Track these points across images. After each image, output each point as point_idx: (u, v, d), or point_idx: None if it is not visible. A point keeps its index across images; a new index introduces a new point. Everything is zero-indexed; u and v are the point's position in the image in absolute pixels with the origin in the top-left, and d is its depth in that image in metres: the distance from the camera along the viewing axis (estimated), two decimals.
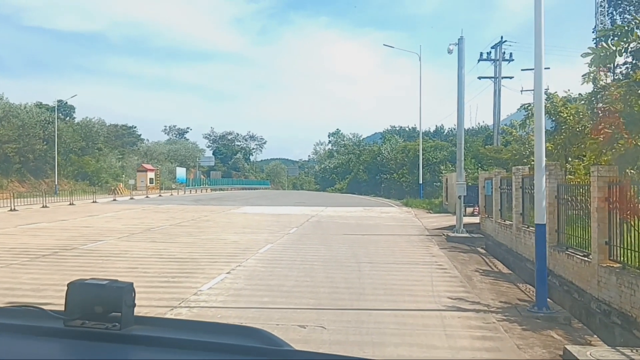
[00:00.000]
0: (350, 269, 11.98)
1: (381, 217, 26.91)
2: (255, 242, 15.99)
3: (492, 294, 9.83)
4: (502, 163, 22.59)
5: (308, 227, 21.17)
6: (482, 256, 15.02)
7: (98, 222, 22.41)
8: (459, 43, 18.23)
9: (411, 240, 17.55)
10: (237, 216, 26.53)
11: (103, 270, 11.24)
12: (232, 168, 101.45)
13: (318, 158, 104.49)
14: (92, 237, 16.89)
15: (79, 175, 59.64)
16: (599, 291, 8.82)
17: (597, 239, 8.92)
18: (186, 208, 31.39)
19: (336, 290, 9.72)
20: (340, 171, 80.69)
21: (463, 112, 18.68)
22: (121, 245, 15.09)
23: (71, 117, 71.40)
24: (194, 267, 11.75)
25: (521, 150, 18.21)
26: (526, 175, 14.34)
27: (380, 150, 63.93)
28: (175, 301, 8.60)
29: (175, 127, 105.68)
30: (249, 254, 13.59)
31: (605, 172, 8.95)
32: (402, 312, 8.26)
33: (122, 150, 75.18)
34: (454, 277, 11.29)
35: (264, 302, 8.74)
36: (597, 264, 8.85)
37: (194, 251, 14.11)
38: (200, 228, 20.03)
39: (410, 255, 14.35)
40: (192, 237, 17.31)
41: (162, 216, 25.20)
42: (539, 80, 8.67)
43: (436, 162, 47.02)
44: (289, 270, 11.68)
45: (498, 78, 33.47)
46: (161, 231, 18.78)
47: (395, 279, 10.93)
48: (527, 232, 13.34)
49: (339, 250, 14.78)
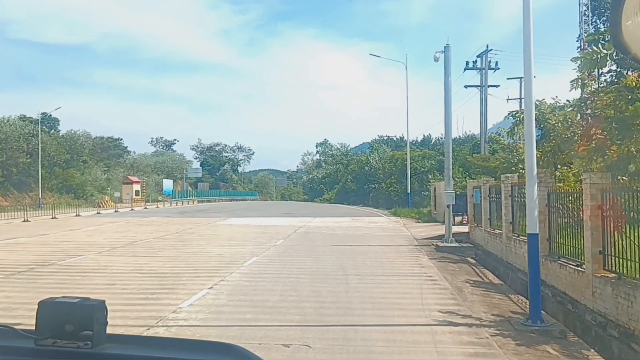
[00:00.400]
0: (338, 281, 11.61)
1: (369, 227, 26.58)
2: (240, 254, 15.57)
3: (484, 307, 9.51)
4: (490, 171, 22.43)
5: (295, 239, 20.77)
6: (472, 266, 14.72)
7: (79, 236, 21.84)
8: (445, 51, 18.04)
9: (400, 250, 17.21)
10: (222, 228, 26.05)
11: (79, 287, 10.78)
12: (220, 179, 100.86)
13: (306, 168, 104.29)
14: (72, 252, 16.37)
15: (64, 188, 58.78)
16: (593, 302, 8.53)
17: (591, 248, 8.66)
18: (171, 220, 30.84)
19: (322, 305, 9.35)
20: (328, 181, 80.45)
21: (450, 120, 18.49)
22: (101, 260, 14.60)
23: (56, 129, 70.59)
24: (175, 283, 11.32)
25: (509, 158, 18.02)
26: (515, 184, 14.13)
27: (368, 160, 63.81)
28: (153, 320, 8.17)
29: (162, 139, 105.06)
30: (233, 268, 13.18)
31: (598, 179, 8.70)
32: (390, 328, 7.89)
33: (108, 162, 74.34)
34: (444, 289, 10.96)
35: (246, 319, 8.34)
36: (592, 274, 8.57)
37: (176, 265, 13.67)
38: (184, 241, 19.55)
39: (399, 266, 14.01)
40: (175, 250, 16.84)
41: (145, 229, 24.65)
42: (529, 87, 8.42)
43: (424, 171, 46.94)
44: (274, 284, 11.28)
45: (484, 87, 33.43)
46: (144, 245, 18.29)
47: (384, 291, 10.57)
48: (517, 241, 13.08)
49: (326, 262, 14.41)
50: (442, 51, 18.14)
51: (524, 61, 8.42)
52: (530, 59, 8.44)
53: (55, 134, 67.60)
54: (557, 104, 14.71)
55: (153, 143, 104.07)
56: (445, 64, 17.93)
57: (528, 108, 8.48)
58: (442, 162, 41.08)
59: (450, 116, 18.33)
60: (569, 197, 10.19)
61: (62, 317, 1.26)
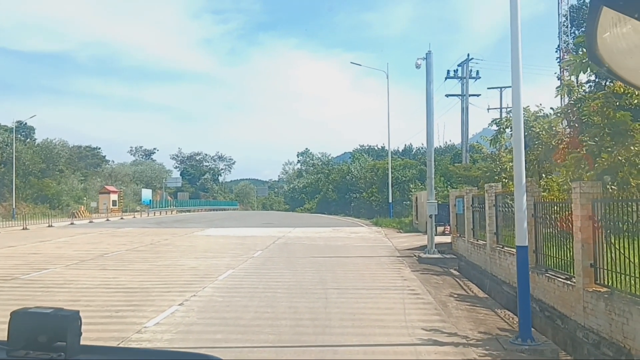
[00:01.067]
0: (316, 296, 11.04)
1: (350, 238, 26.06)
2: (215, 267, 14.90)
3: (470, 323, 9.01)
4: (472, 181, 22.13)
5: (274, 250, 20.15)
6: (455, 278, 14.26)
7: (48, 248, 20.92)
8: (427, 57, 17.66)
9: (381, 262, 16.69)
10: (199, 239, 25.28)
11: (41, 304, 9.95)
12: (200, 189, 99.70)
13: (287, 178, 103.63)
14: (38, 265, 15.54)
15: (39, 198, 57.35)
16: (585, 318, 8.11)
17: (582, 261, 8.25)
18: (146, 231, 29.92)
19: (299, 323, 8.77)
20: (309, 191, 79.84)
21: (432, 128, 18.09)
22: (67, 274, 13.82)
23: (31, 138, 69.13)
24: (143, 299, 10.63)
25: (492, 167, 17.66)
26: (499, 193, 13.76)
27: (349, 169, 63.39)
28: (114, 341, 7.51)
29: (142, 148, 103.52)
30: (207, 282, 12.53)
31: (589, 189, 8.30)
32: (372, 349, 7.35)
33: (85, 172, 72.85)
34: (428, 304, 10.45)
35: (216, 339, 7.72)
36: (583, 288, 8.15)
37: (146, 279, 12.96)
38: (157, 253, 18.79)
39: (381, 279, 13.48)
40: (147, 263, 16.10)
41: (119, 240, 23.77)
42: (517, 93, 7.99)
43: (405, 181, 46.61)
44: (249, 300, 10.65)
45: (465, 95, 33.25)
46: (114, 257, 17.49)
47: (365, 307, 10.03)
48: (502, 253, 12.66)
49: (305, 275, 13.83)
50: (424, 58, 17.76)
51: (511, 67, 7.99)
52: (519, 65, 8.02)
53: (30, 142, 66.17)
54: (541, 111, 14.40)
55: (132, 152, 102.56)
56: (427, 70, 17.55)
57: (516, 115, 8.04)
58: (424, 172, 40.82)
59: (432, 124, 17.96)
60: (556, 206, 9.82)
61: (35, 328, 1.23)
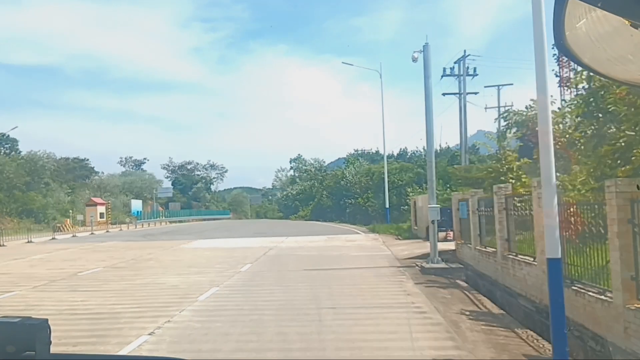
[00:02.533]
0: (309, 318, 9.65)
1: (347, 247, 24.64)
2: (198, 285, 13.47)
3: (489, 348, 7.66)
4: (473, 182, 20.85)
5: (264, 263, 18.73)
6: (464, 291, 12.89)
7: (20, 266, 19.40)
8: (424, 50, 16.36)
9: (381, 274, 15.30)
10: (185, 252, 23.79)
11: None
12: (192, 198, 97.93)
13: (280, 185, 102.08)
14: (2, 287, 14.06)
15: (24, 212, 55.51)
16: (626, 340, 6.81)
17: (620, 273, 6.96)
18: (130, 245, 28.36)
19: (288, 354, 7.40)
20: (303, 197, 78.22)
21: (432, 126, 16.78)
22: (31, 298, 12.38)
23: (16, 150, 67.34)
24: (110, 327, 9.20)
25: (497, 167, 16.36)
26: (509, 195, 12.49)
27: (344, 174, 61.86)
28: None
29: (132, 159, 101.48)
30: (185, 303, 11.11)
31: (626, 187, 7.01)
32: None
33: (73, 184, 71.02)
34: (437, 324, 9.08)
35: None
36: (623, 306, 6.86)
37: (118, 302, 11.52)
38: (137, 270, 17.31)
39: (382, 294, 12.09)
40: (124, 282, 14.64)
41: (99, 256, 22.23)
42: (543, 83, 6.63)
43: (402, 185, 45.22)
44: (231, 326, 9.23)
45: (463, 94, 31.99)
46: (90, 276, 16.01)
47: (365, 331, 8.65)
48: (515, 262, 11.36)
49: (297, 292, 12.44)
50: (421, 51, 16.47)
51: (535, 56, 6.65)
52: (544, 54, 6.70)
53: (15, 155, 64.41)
54: (552, 104, 13.11)
55: (122, 163, 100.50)
56: (424, 64, 16.23)
57: (542, 108, 6.70)
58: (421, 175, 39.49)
59: (432, 122, 16.66)
60: (583, 208, 8.55)
61: (2, 338, 1.20)
